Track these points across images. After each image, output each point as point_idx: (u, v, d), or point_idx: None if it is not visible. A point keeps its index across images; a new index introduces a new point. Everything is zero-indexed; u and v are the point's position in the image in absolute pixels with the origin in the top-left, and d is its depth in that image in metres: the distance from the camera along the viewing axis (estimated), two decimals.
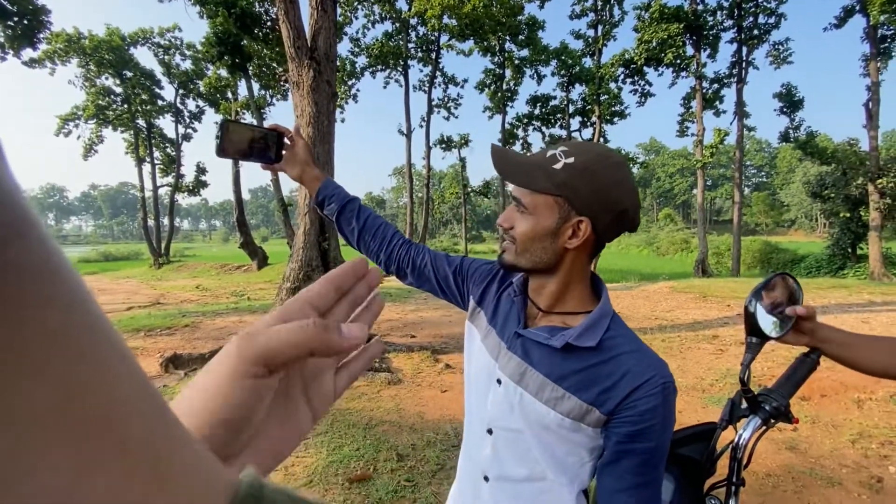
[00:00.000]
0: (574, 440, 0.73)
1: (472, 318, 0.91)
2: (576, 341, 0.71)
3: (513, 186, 0.76)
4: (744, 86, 18.32)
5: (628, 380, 0.68)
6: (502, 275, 0.91)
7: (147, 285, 15.90)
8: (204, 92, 23.12)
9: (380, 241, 1.01)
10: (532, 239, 0.74)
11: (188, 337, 6.39)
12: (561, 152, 0.73)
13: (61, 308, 0.12)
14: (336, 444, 3.01)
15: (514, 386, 0.76)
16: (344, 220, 1.01)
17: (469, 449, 0.86)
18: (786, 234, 59.95)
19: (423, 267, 0.98)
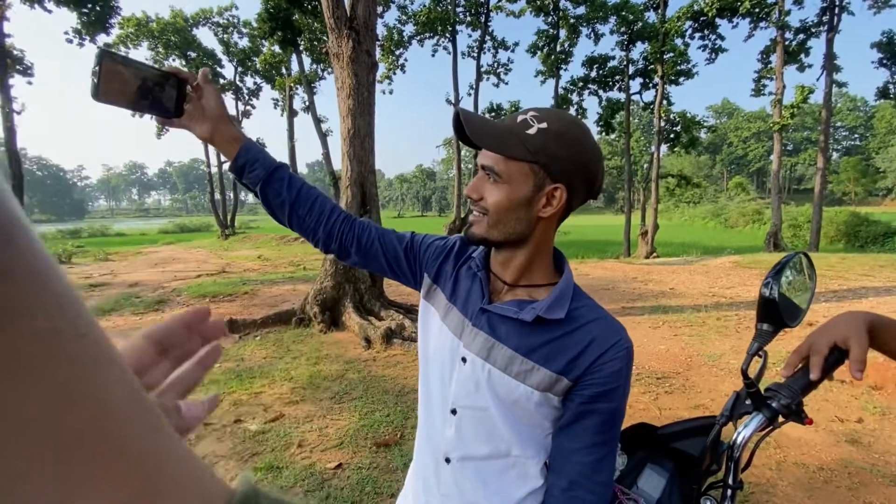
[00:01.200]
0: (540, 412, 0.74)
1: (429, 297, 0.88)
2: (545, 314, 0.71)
3: (483, 154, 0.73)
4: (835, 35, 16.04)
5: (595, 346, 0.70)
6: (458, 250, 0.88)
7: (215, 255, 17.10)
8: (260, 69, 23.88)
9: (317, 216, 0.89)
10: (506, 209, 0.71)
11: (246, 303, 6.85)
12: (532, 117, 0.70)
13: (51, 313, 0.12)
14: (368, 408, 3.13)
15: (482, 362, 0.75)
16: (271, 190, 0.86)
17: (428, 431, 0.84)
18: (880, 205, 53.29)
19: (369, 245, 0.90)
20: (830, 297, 6.15)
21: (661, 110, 18.22)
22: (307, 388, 3.51)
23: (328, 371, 3.85)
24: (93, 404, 0.12)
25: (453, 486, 0.79)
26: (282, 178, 0.87)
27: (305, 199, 0.88)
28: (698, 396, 3.27)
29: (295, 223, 0.89)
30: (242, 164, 0.84)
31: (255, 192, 0.87)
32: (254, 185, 0.85)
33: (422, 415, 0.86)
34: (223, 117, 0.82)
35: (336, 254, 0.92)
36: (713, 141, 75.37)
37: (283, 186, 0.86)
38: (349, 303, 5.26)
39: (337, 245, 0.90)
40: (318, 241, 0.90)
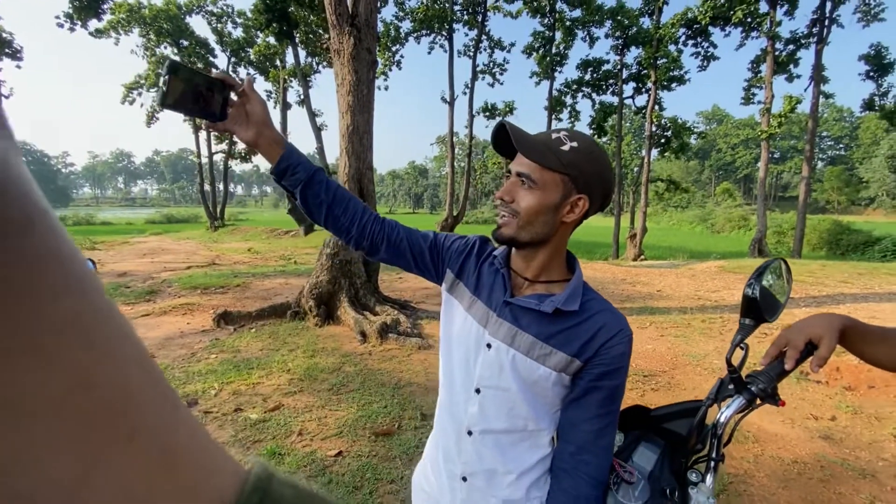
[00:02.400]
0: (554, 391, 0.85)
1: (452, 290, 0.96)
2: (563, 306, 0.82)
3: (520, 162, 0.82)
4: (824, 46, 16.43)
5: (603, 332, 0.82)
6: (478, 248, 0.97)
7: (204, 246, 16.96)
8: (254, 60, 23.66)
9: (351, 216, 0.95)
10: (536, 213, 0.81)
11: (239, 296, 6.87)
12: (564, 136, 0.81)
13: (72, 297, 0.12)
14: (366, 400, 3.21)
15: (507, 348, 0.85)
16: (311, 192, 0.91)
17: (451, 408, 0.93)
18: (862, 214, 54.63)
19: (398, 242, 0.97)
20: (810, 302, 6.38)
21: (653, 115, 18.50)
22: (305, 380, 3.58)
23: (325, 364, 3.93)
24: (112, 384, 0.12)
25: (474, 455, 0.89)
26: (321, 182, 0.92)
27: (341, 200, 0.94)
28: (683, 394, 3.41)
29: (331, 222, 0.95)
30: (285, 167, 0.89)
31: (294, 193, 0.92)
32: (294, 187, 0.91)
33: (444, 394, 0.96)
34: (267, 122, 0.87)
35: (367, 250, 0.98)
36: (702, 147, 76.48)
37: (321, 189, 0.92)
38: (344, 297, 5.32)
39: (368, 243, 0.96)
40: (350, 239, 0.97)
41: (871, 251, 21.76)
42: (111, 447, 0.12)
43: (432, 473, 0.98)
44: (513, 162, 0.84)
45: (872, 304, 6.14)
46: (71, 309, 0.12)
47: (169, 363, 3.95)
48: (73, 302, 0.12)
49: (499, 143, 0.85)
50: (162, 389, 0.14)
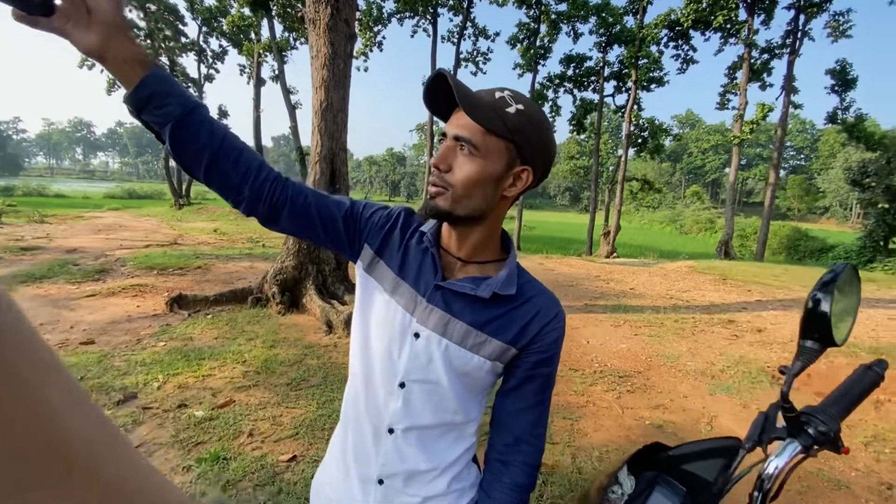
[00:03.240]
0: (486, 380, 0.81)
1: (371, 270, 0.84)
2: (500, 290, 0.76)
3: (458, 124, 0.71)
4: (796, 58, 16.90)
5: (539, 318, 0.78)
6: (403, 221, 0.85)
7: (167, 225, 16.13)
8: (227, 31, 22.49)
9: (243, 172, 0.75)
10: (476, 184, 0.72)
11: (198, 278, 6.45)
12: (509, 97, 0.71)
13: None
14: (327, 397, 2.97)
15: (438, 338, 0.77)
16: (187, 133, 0.69)
17: (368, 404, 0.82)
18: (817, 222, 57.46)
19: (304, 208, 0.80)
20: (777, 306, 6.48)
21: (631, 114, 18.64)
22: (261, 373, 3.30)
23: (285, 355, 3.65)
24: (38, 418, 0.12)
25: (394, 455, 0.81)
26: (202, 121, 0.71)
27: (230, 149, 0.74)
28: (659, 396, 3.32)
29: (215, 178, 0.75)
30: (148, 95, 0.66)
31: (161, 134, 0.69)
32: (162, 123, 0.68)
33: (358, 388, 0.84)
34: (119, 26, 0.63)
35: (263, 217, 0.80)
36: (675, 149, 78.47)
37: (203, 131, 0.71)
38: (311, 285, 5.02)
39: (266, 207, 0.78)
40: (241, 202, 0.77)
41: (825, 258, 22.87)
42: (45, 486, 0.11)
43: (339, 477, 0.87)
44: (449, 123, 0.73)
45: None
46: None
47: (109, 350, 3.58)
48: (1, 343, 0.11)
49: (433, 97, 0.72)
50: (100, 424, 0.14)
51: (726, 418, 3.02)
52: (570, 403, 3.14)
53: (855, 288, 0.73)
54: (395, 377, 0.79)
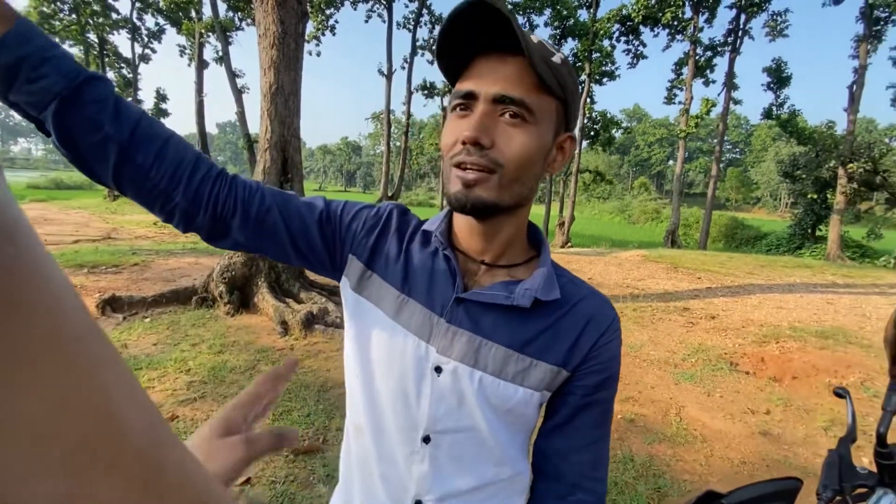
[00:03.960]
0: (532, 415, 0.62)
1: (363, 288, 0.64)
2: (542, 295, 0.58)
3: (507, 77, 0.52)
4: (736, 56, 17.86)
5: (593, 326, 0.60)
6: (398, 222, 0.66)
7: (99, 218, 14.85)
8: (164, 8, 20.77)
9: (172, 170, 0.54)
10: (532, 161, 0.55)
11: (135, 277, 5.87)
12: (547, 42, 0.55)
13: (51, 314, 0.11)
14: (284, 407, 2.72)
15: (469, 370, 0.58)
16: (82, 118, 0.48)
17: (384, 469, 0.62)
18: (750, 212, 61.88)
19: (263, 215, 0.60)
20: (726, 293, 6.79)
21: (585, 107, 19.03)
22: (208, 383, 2.98)
23: (235, 362, 3.33)
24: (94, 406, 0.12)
25: None
26: (103, 99, 0.49)
27: (149, 138, 0.52)
28: (626, 388, 3.32)
29: (128, 180, 0.53)
30: (13, 63, 0.44)
31: (43, 122, 0.48)
32: (39, 105, 0.46)
33: (367, 446, 0.63)
34: None
35: (207, 232, 0.59)
36: (623, 142, 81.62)
37: (104, 113, 0.49)
38: (263, 282, 4.67)
39: (208, 217, 0.58)
40: (172, 212, 0.57)
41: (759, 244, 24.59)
42: (92, 475, 0.11)
43: None
44: (477, 78, 0.53)
45: (777, 294, 6.67)
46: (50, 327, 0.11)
47: None
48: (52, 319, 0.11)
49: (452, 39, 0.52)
50: (148, 415, 0.14)
51: (693, 408, 3.05)
52: None
53: None
54: (417, 430, 0.60)
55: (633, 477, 2.27)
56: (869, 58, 15.69)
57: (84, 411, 0.12)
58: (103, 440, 0.12)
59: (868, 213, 18.50)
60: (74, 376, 0.12)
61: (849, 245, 17.27)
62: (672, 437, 2.67)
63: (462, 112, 0.55)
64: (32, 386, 0.10)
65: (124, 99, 0.52)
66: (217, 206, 0.58)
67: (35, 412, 0.10)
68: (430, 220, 0.67)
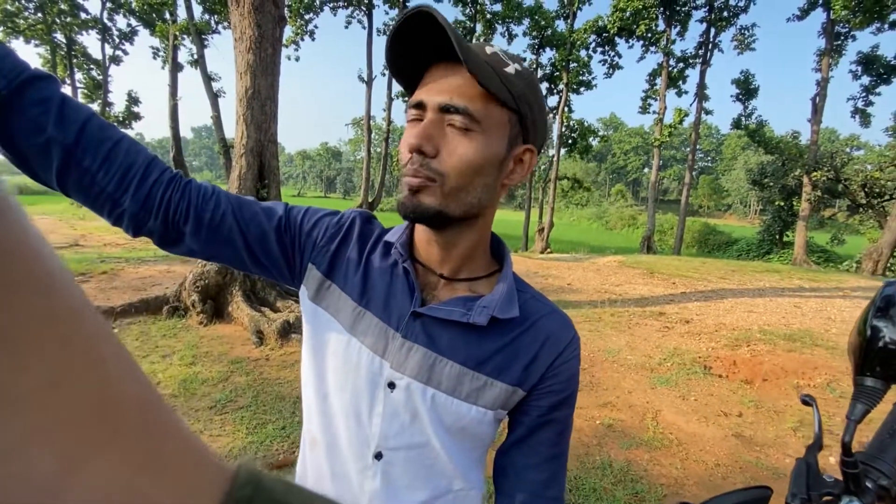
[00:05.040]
0: (487, 434, 0.62)
1: (320, 298, 0.63)
2: (500, 313, 0.57)
3: (452, 86, 0.52)
4: (707, 68, 18.51)
5: (550, 346, 0.60)
6: (360, 230, 0.65)
7: (66, 224, 14.30)
8: (136, 9, 20.30)
9: (121, 174, 0.53)
10: (476, 171, 0.53)
11: (103, 286, 5.66)
12: (502, 53, 0.54)
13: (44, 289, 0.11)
14: (259, 420, 2.65)
15: (422, 387, 0.58)
16: (23, 120, 0.47)
17: (337, 484, 0.61)
18: (721, 218, 63.94)
19: (217, 222, 0.58)
20: (699, 297, 6.96)
21: (563, 116, 19.39)
22: (180, 396, 2.88)
23: (208, 373, 3.23)
24: (92, 381, 0.12)
25: None
26: (46, 100, 0.47)
27: (97, 141, 0.51)
28: (605, 394, 3.35)
29: (73, 184, 0.51)
30: None
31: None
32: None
33: (320, 464, 0.63)
34: None
35: (159, 237, 0.58)
36: (600, 150, 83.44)
37: (48, 115, 0.47)
38: (238, 290, 4.56)
39: (159, 222, 0.56)
40: (121, 217, 0.55)
41: (730, 250, 25.41)
42: (92, 446, 0.12)
43: None
44: (426, 87, 0.53)
45: (747, 298, 6.88)
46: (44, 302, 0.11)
47: None
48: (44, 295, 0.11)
49: (401, 51, 0.53)
50: (143, 387, 0.14)
51: (669, 412, 3.09)
52: None
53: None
54: (369, 446, 0.59)
55: (611, 483, 2.28)
56: (831, 71, 16.46)
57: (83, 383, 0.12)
58: (101, 412, 0.12)
59: (831, 219, 19.35)
60: (72, 350, 0.12)
61: (814, 250, 18.03)
62: (649, 442, 2.70)
63: (414, 122, 0.55)
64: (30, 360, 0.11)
65: (71, 98, 0.51)
66: (168, 212, 0.56)
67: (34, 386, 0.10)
68: (393, 229, 0.66)
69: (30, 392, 0.10)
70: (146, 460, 0.13)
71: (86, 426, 0.11)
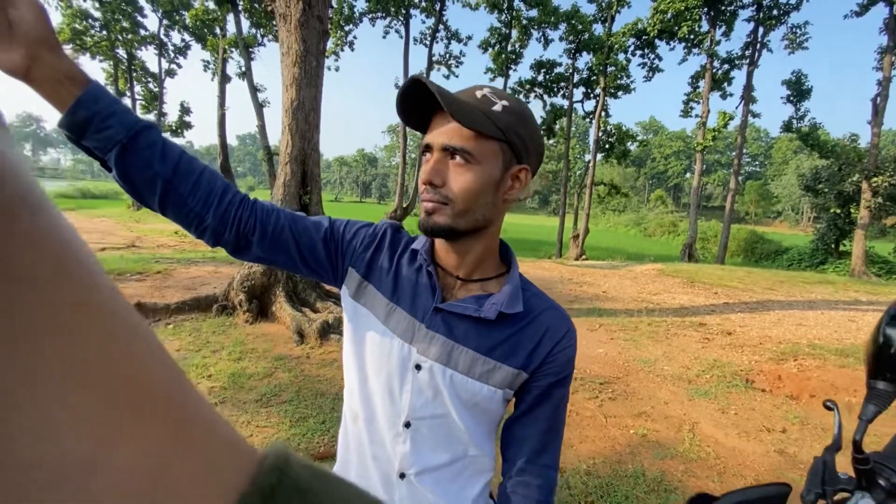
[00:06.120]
0: (497, 410, 0.74)
1: (360, 296, 0.76)
2: (506, 308, 0.70)
3: (445, 133, 0.64)
4: (755, 69, 17.72)
5: (550, 336, 0.72)
6: (391, 239, 0.78)
7: (124, 226, 15.36)
8: (190, 25, 21.58)
9: (204, 197, 0.67)
10: (477, 194, 0.66)
11: (158, 284, 6.07)
12: (490, 93, 0.66)
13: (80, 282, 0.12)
14: (300, 414, 2.79)
15: (442, 368, 0.71)
16: (136, 160, 0.61)
17: (373, 449, 0.75)
18: (771, 225, 60.63)
19: (277, 233, 0.72)
20: (743, 308, 6.69)
21: (600, 120, 19.05)
22: (228, 389, 3.08)
23: (254, 369, 3.43)
24: (127, 361, 0.13)
25: (409, 501, 0.74)
26: (153, 144, 0.62)
27: (187, 173, 0.66)
28: (640, 403, 3.31)
29: (171, 206, 0.66)
30: (85, 118, 0.57)
31: (104, 159, 0.61)
32: (104, 149, 0.60)
33: (360, 431, 0.76)
34: (48, 42, 0.54)
35: (232, 246, 0.72)
36: (639, 155, 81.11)
37: (153, 155, 0.62)
38: (281, 291, 4.79)
39: (233, 234, 0.71)
40: (204, 231, 0.70)
41: (780, 259, 24.05)
42: (128, 423, 0.12)
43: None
44: (432, 133, 0.67)
45: (797, 311, 6.55)
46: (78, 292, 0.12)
47: None
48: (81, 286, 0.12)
49: (407, 106, 0.66)
50: (172, 369, 0.14)
51: (707, 425, 3.02)
52: None
53: None
54: (400, 417, 0.73)
55: (643, 491, 2.27)
56: (893, 69, 15.41)
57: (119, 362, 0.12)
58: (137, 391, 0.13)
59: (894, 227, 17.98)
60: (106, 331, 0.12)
61: (874, 261, 16.79)
62: (684, 454, 2.65)
63: (426, 159, 0.68)
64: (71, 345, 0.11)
65: (169, 141, 0.65)
66: (240, 226, 0.70)
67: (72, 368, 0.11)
68: (418, 238, 0.78)
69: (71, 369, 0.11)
70: (174, 441, 0.13)
71: (123, 404, 0.12)
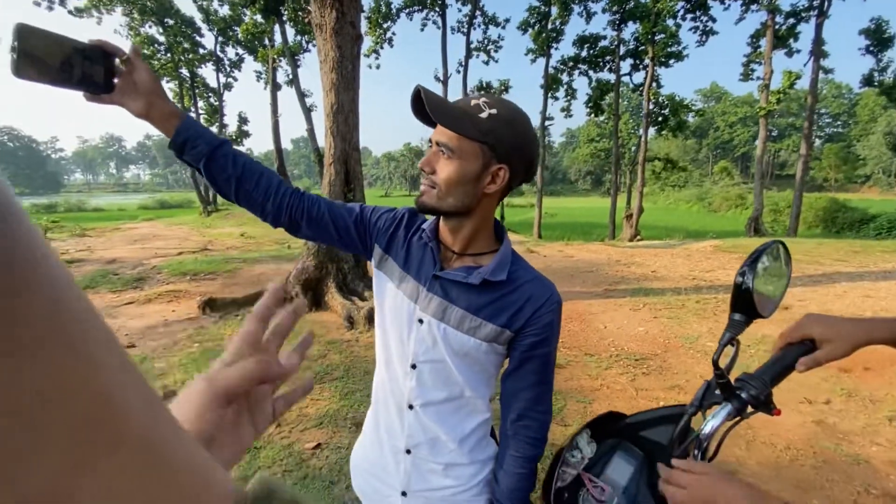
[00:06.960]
0: (488, 359, 0.89)
1: (382, 266, 0.96)
2: (490, 277, 0.84)
3: (438, 131, 0.81)
4: (824, 20, 16.03)
5: (532, 302, 0.85)
6: (407, 221, 0.96)
7: (197, 232, 16.77)
8: (242, 39, 22.99)
9: (264, 191, 0.91)
10: (456, 183, 0.80)
11: (228, 282, 6.75)
12: (484, 103, 0.79)
13: (48, 298, 0.11)
14: (349, 389, 3.13)
15: (437, 322, 0.87)
16: (216, 167, 0.86)
17: (391, 386, 0.95)
18: (857, 192, 54.55)
19: (319, 217, 0.94)
20: (807, 282, 6.30)
21: (650, 93, 18.15)
22: None
23: (310, 352, 3.82)
24: (96, 390, 0.12)
25: (416, 427, 0.93)
26: (226, 154, 0.87)
27: (251, 174, 0.90)
28: (674, 377, 3.34)
29: (242, 198, 0.91)
30: (183, 140, 0.84)
31: (199, 168, 0.87)
32: (196, 161, 0.86)
33: (382, 371, 0.98)
34: (158, 92, 0.81)
35: (286, 227, 0.95)
36: (700, 125, 75.73)
37: (227, 162, 0.87)
38: (332, 283, 5.21)
39: (287, 218, 0.93)
40: (267, 216, 0.93)
41: (866, 228, 21.76)
42: (96, 456, 0.11)
43: (373, 450, 1.01)
44: (434, 130, 0.83)
45: (867, 282, 6.07)
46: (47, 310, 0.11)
47: (149, 353, 3.84)
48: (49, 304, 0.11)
49: (420, 109, 0.81)
50: (147, 398, 0.14)
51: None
52: (584, 387, 3.20)
53: (782, 264, 0.78)
54: (408, 359, 0.91)
55: None
56: None
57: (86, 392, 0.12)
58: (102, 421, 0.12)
59: None
60: (74, 357, 0.12)
61: None
62: None
63: (428, 149, 0.85)
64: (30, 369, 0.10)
65: (238, 151, 0.90)
66: (291, 212, 0.93)
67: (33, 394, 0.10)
68: (429, 220, 0.95)
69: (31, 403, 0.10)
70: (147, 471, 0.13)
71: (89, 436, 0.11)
